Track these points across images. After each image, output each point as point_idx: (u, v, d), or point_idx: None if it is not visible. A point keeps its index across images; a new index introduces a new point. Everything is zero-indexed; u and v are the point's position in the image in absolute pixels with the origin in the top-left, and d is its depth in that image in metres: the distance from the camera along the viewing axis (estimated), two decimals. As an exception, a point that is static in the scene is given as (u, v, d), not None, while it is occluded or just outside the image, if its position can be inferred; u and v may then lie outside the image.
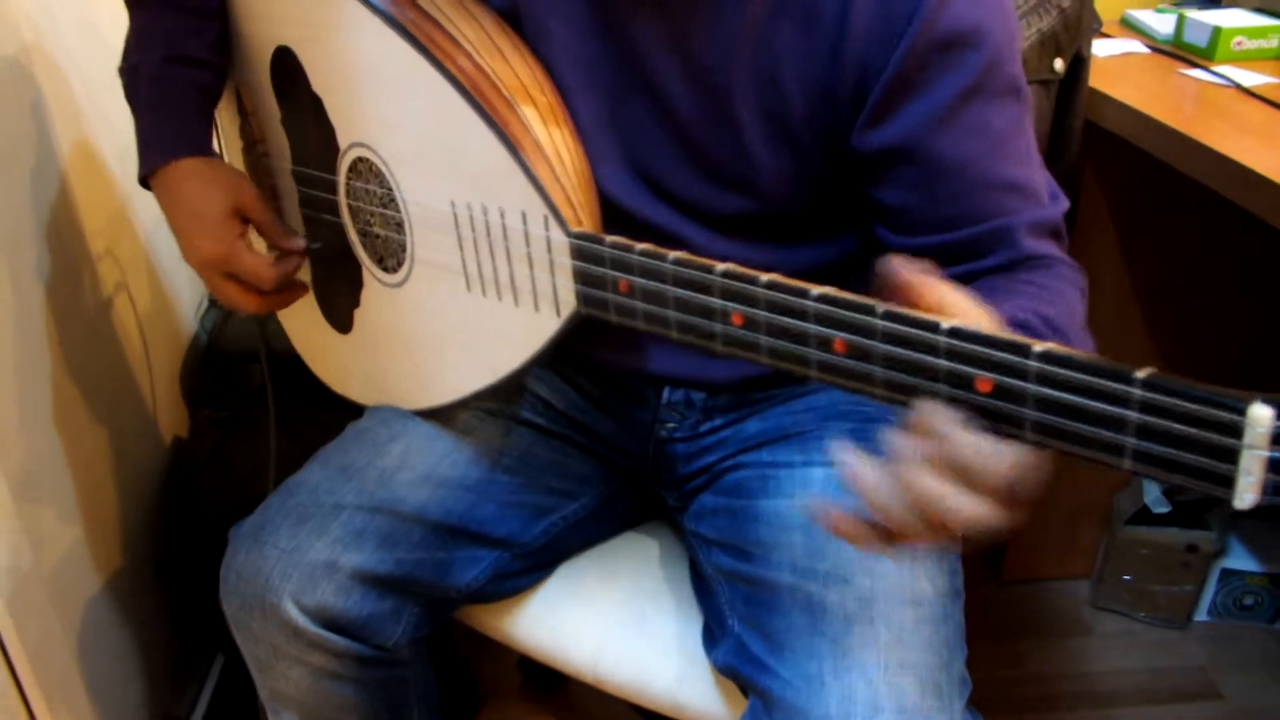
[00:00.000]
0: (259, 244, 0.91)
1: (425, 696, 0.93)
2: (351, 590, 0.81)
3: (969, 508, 0.49)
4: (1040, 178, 0.75)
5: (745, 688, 0.77)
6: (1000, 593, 1.66)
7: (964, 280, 0.72)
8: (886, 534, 0.53)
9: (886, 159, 0.73)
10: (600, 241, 0.66)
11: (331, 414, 0.99)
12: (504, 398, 0.92)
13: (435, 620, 0.89)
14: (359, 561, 0.82)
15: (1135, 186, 1.36)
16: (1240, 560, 1.56)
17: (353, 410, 0.97)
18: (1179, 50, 1.35)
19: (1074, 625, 1.60)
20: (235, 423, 1.31)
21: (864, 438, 0.85)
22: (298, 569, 0.81)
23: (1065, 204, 0.76)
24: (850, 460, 0.53)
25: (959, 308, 0.52)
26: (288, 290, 0.91)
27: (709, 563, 0.85)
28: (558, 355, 0.76)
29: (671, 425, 0.91)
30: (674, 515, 0.96)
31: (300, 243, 0.90)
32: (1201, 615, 1.59)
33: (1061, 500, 1.59)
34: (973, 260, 0.73)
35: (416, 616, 0.86)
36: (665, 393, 0.91)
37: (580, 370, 0.93)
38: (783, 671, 0.72)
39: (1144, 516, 1.55)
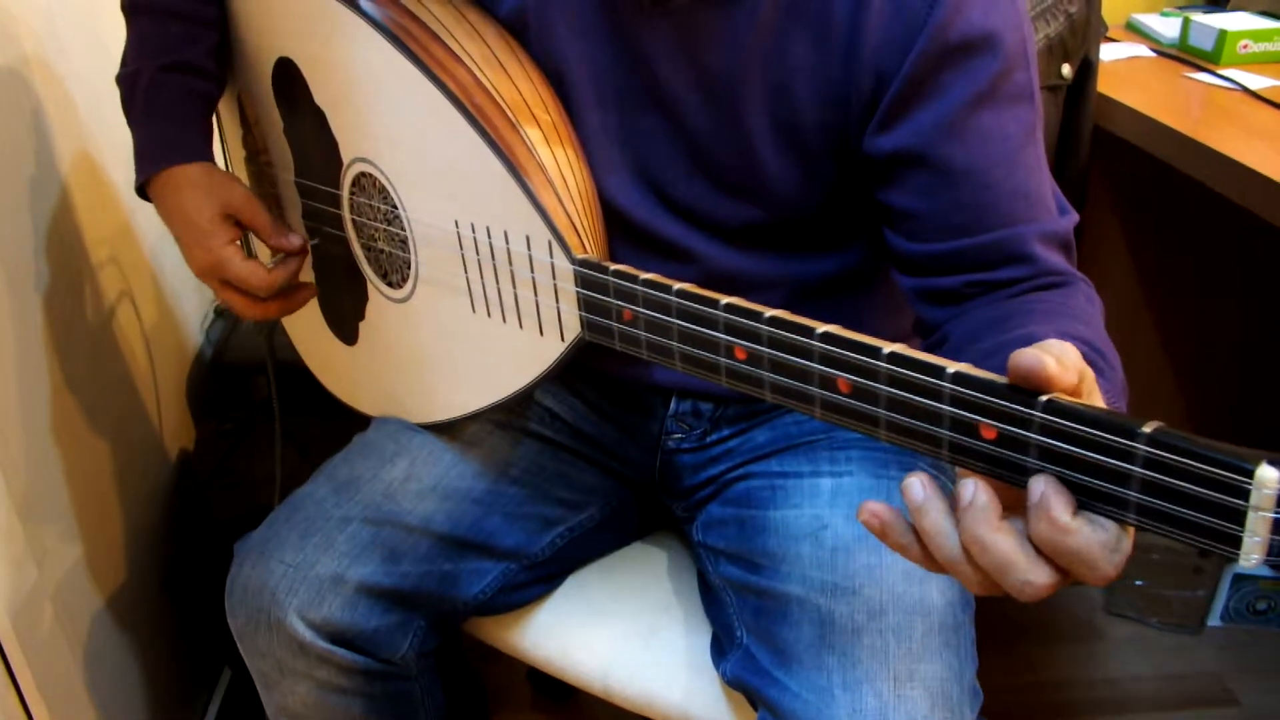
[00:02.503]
0: (264, 253, 0.91)
1: (434, 710, 0.92)
2: (358, 604, 0.81)
3: (1040, 579, 0.47)
4: (1049, 190, 0.74)
5: (754, 700, 0.77)
6: (1011, 599, 1.64)
7: (976, 290, 0.72)
8: (935, 565, 0.50)
9: (897, 163, 0.72)
10: (604, 270, 0.66)
11: (338, 426, 0.99)
12: (511, 410, 0.91)
13: (443, 633, 0.89)
14: (365, 575, 0.81)
15: (1142, 190, 1.36)
16: (1253, 565, 1.55)
17: (359, 422, 0.97)
18: (1185, 54, 1.34)
19: (1086, 631, 1.59)
20: (241, 435, 1.31)
21: (871, 447, 0.85)
22: (304, 583, 0.80)
23: (1074, 218, 0.75)
24: (918, 498, 0.48)
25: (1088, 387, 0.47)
26: (290, 295, 0.89)
27: (717, 574, 0.85)
28: (565, 368, 0.76)
29: (679, 436, 0.91)
30: (682, 526, 0.96)
31: (297, 240, 0.88)
32: (1215, 620, 1.58)
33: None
34: (984, 270, 0.72)
35: (424, 629, 0.86)
36: (673, 403, 0.90)
37: (587, 382, 0.93)
38: (791, 684, 0.72)
39: (1155, 521, 1.54)
